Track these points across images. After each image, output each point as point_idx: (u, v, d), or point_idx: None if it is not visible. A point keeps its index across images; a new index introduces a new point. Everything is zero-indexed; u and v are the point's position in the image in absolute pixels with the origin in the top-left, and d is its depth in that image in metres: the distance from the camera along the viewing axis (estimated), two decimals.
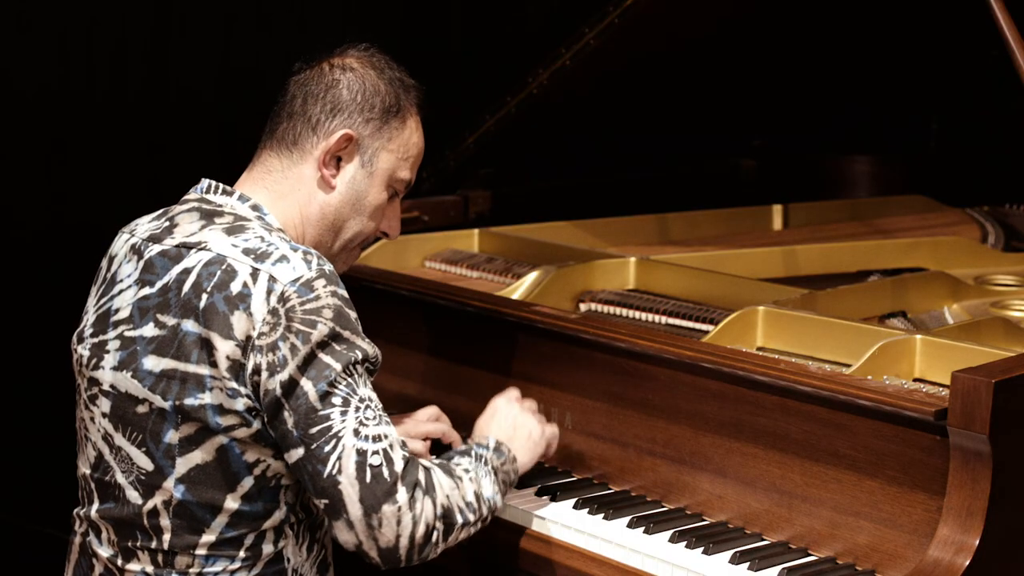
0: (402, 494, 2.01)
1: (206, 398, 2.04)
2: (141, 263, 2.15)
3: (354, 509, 2.00)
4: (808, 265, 3.10)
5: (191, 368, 2.04)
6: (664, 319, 2.70)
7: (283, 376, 2.00)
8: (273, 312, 2.01)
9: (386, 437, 2.04)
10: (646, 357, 2.37)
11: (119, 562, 2.12)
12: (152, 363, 2.08)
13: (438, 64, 4.00)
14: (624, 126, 3.69)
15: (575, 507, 2.34)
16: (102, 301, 2.18)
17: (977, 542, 1.95)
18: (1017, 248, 3.35)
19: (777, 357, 2.31)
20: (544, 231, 3.24)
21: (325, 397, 2.01)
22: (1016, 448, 1.98)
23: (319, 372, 2.01)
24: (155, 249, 2.14)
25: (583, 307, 2.82)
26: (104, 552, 2.15)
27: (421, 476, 2.05)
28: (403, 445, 2.06)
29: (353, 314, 2.08)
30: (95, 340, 2.16)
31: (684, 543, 2.18)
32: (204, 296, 2.05)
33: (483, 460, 2.19)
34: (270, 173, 2.23)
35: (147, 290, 2.12)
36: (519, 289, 2.80)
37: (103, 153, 3.54)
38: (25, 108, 3.42)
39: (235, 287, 2.04)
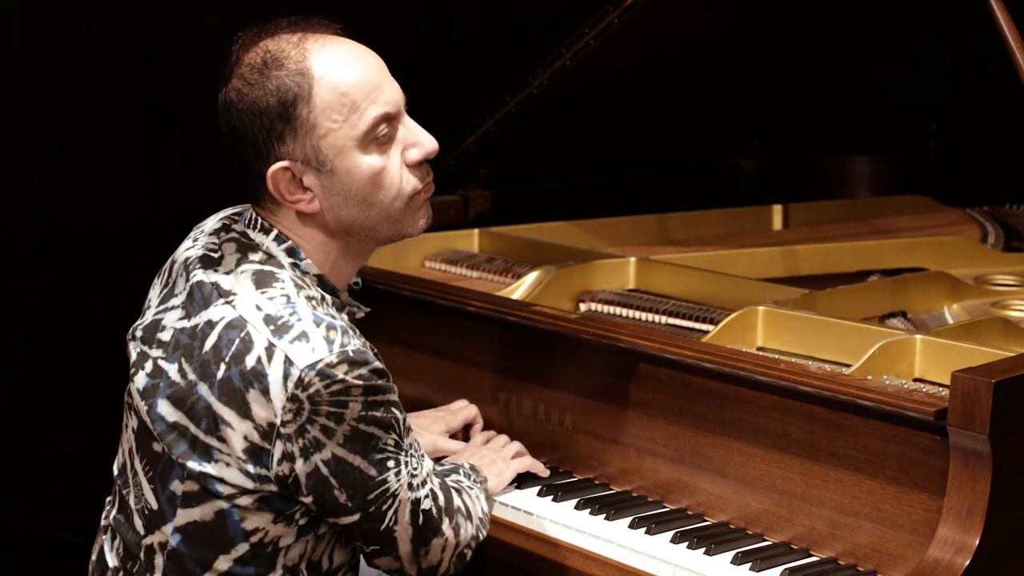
0: (447, 526, 2.07)
1: (209, 468, 1.96)
2: (187, 287, 2.04)
3: (405, 548, 2.04)
4: (808, 265, 3.10)
5: (200, 435, 1.96)
6: (664, 319, 2.70)
7: (324, 455, 1.93)
8: (293, 399, 1.90)
9: (429, 478, 2.06)
10: (646, 357, 2.37)
11: None
12: (165, 409, 1.99)
13: (438, 64, 4.00)
14: (624, 126, 3.69)
15: (576, 508, 2.34)
16: (160, 308, 2.08)
17: (977, 542, 1.96)
18: (1017, 248, 3.34)
19: (777, 357, 2.31)
20: (544, 231, 3.23)
21: (379, 464, 1.97)
22: (1016, 448, 1.98)
23: (365, 444, 1.95)
24: (199, 276, 2.03)
25: (583, 307, 2.82)
26: (111, 562, 2.12)
27: (457, 501, 2.11)
28: (434, 470, 2.09)
29: (381, 381, 1.96)
30: (142, 348, 2.06)
31: (686, 544, 2.19)
32: (222, 366, 1.94)
33: (471, 478, 2.24)
34: (277, 222, 2.06)
35: (185, 322, 2.02)
36: (519, 289, 2.80)
37: (100, 151, 3.54)
38: (25, 105, 3.42)
39: (250, 361, 1.93)
